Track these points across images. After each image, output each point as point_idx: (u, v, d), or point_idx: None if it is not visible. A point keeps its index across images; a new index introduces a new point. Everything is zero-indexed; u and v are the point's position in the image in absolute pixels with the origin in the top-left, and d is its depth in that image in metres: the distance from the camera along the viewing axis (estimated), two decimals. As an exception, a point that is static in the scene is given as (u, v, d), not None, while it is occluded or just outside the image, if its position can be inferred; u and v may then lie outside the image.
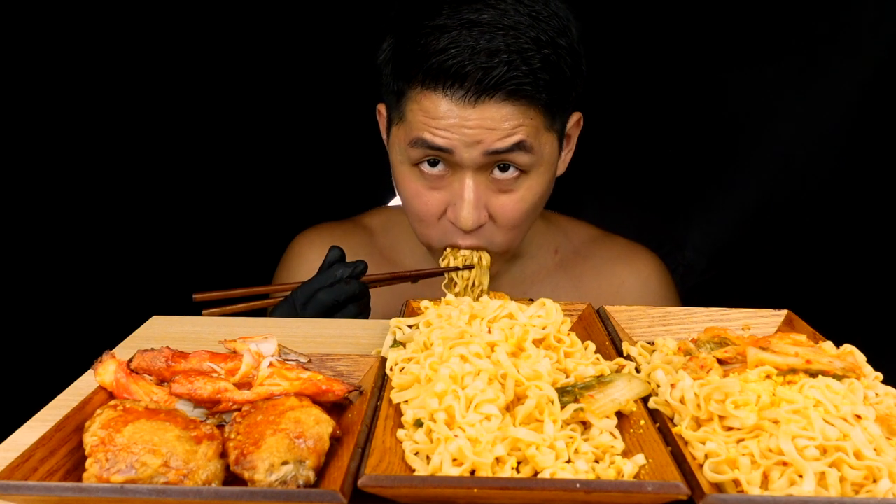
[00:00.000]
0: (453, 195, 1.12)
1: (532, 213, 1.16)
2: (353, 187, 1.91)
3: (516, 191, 1.12)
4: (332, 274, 1.07)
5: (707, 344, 0.80)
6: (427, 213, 1.14)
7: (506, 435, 0.63)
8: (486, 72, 1.00)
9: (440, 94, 1.04)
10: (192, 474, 0.60)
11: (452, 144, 1.06)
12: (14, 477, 0.58)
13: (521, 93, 1.03)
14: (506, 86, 1.02)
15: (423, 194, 1.13)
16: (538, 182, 1.13)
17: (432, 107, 1.05)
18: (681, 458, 0.62)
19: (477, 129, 1.04)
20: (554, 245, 1.40)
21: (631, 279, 1.37)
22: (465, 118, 1.04)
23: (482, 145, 1.05)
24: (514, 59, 1.01)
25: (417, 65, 1.04)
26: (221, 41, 1.77)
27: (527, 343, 0.76)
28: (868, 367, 0.74)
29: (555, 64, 1.05)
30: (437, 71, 1.02)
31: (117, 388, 0.73)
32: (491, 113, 1.04)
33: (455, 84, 1.02)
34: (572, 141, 1.23)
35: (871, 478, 0.59)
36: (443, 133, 1.05)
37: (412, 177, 1.13)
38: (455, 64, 1.01)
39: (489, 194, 1.11)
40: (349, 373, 0.80)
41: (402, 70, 1.08)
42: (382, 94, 1.18)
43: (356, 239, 1.41)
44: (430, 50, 1.02)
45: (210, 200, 1.88)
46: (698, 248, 1.96)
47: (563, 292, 1.36)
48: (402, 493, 0.59)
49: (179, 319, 1.00)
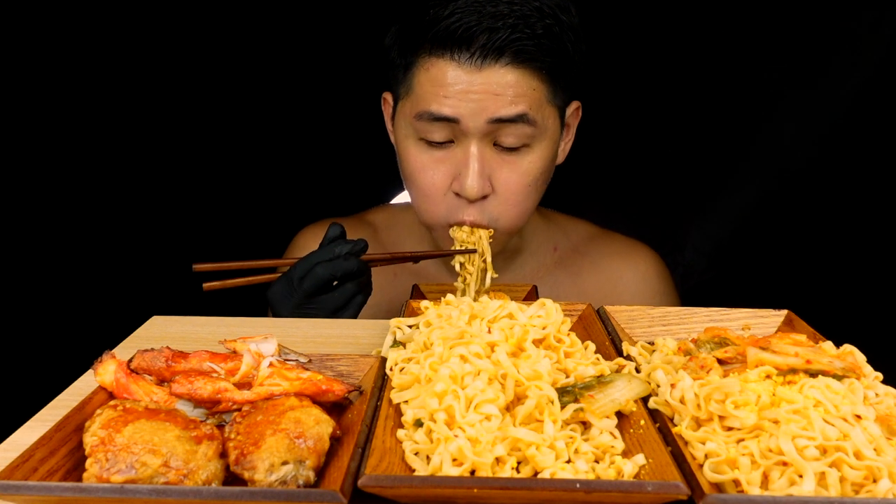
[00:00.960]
0: (458, 165, 1.14)
1: (533, 191, 1.17)
2: (356, 186, 1.91)
3: (519, 163, 1.14)
4: (331, 249, 1.08)
5: (707, 344, 0.80)
6: (432, 187, 1.16)
7: (506, 435, 0.63)
8: (492, 34, 1.04)
9: (447, 59, 1.07)
10: (192, 474, 0.60)
11: (458, 113, 1.09)
12: (14, 477, 0.58)
13: (525, 55, 1.07)
14: (510, 47, 1.05)
15: (429, 168, 1.15)
16: (540, 156, 1.15)
17: (440, 74, 1.08)
18: (681, 458, 0.62)
19: (482, 94, 1.07)
20: (553, 242, 1.41)
21: (629, 274, 1.39)
22: (471, 83, 1.07)
23: (487, 112, 1.08)
24: (518, 24, 1.05)
25: (425, 32, 1.08)
26: (225, 38, 1.78)
27: (527, 343, 0.76)
28: (868, 367, 0.74)
29: (557, 34, 1.09)
30: (444, 35, 1.06)
31: (117, 388, 0.73)
32: (496, 78, 1.07)
33: (462, 46, 1.06)
34: (571, 130, 1.25)
35: (871, 478, 0.59)
36: (449, 102, 1.08)
37: (417, 151, 1.16)
38: (461, 26, 1.05)
39: (493, 166, 1.14)
40: (349, 373, 0.80)
41: (410, 42, 1.11)
42: (388, 78, 1.20)
43: (360, 234, 1.41)
44: (437, 17, 1.07)
45: (211, 200, 1.88)
46: (698, 248, 1.96)
47: (563, 289, 1.37)
48: (402, 493, 0.59)
49: (179, 319, 1.00)
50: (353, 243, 1.09)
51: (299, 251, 1.42)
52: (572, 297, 1.35)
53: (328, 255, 1.07)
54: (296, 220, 1.51)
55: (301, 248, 1.43)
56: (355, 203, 1.55)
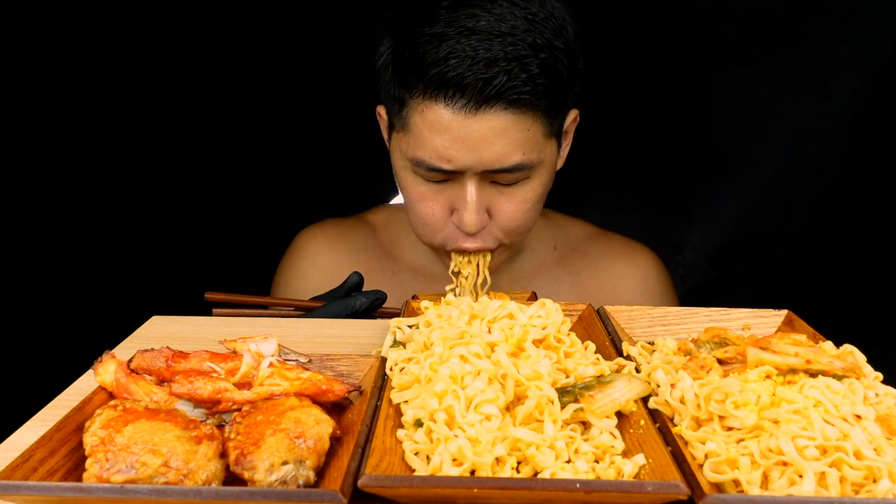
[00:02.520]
0: (456, 199, 1.13)
1: (533, 212, 1.17)
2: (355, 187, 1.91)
3: (518, 194, 1.13)
4: (349, 304, 1.07)
5: (707, 344, 0.80)
6: (432, 217, 1.15)
7: (506, 435, 0.63)
8: (486, 82, 1.01)
9: (441, 104, 1.05)
10: (192, 474, 0.60)
11: (454, 165, 1.07)
12: (14, 477, 0.58)
13: (521, 101, 1.04)
14: (506, 95, 1.03)
15: (428, 199, 1.14)
16: (539, 183, 1.14)
17: (435, 119, 1.06)
18: (681, 458, 0.62)
19: (477, 141, 1.05)
20: (553, 241, 1.42)
21: (629, 273, 1.39)
22: (466, 129, 1.04)
23: (482, 163, 1.07)
24: (513, 68, 1.02)
25: (417, 75, 1.05)
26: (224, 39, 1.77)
27: (527, 343, 0.76)
28: (868, 367, 0.74)
29: (552, 67, 1.06)
30: (438, 82, 1.03)
31: (117, 388, 0.73)
32: (492, 123, 1.04)
33: (455, 94, 1.03)
34: (569, 136, 1.25)
35: (871, 478, 0.59)
36: (444, 153, 1.06)
37: (416, 182, 1.15)
38: (455, 76, 1.02)
39: (491, 197, 1.13)
40: (349, 373, 0.80)
41: (402, 78, 1.08)
42: (382, 97, 1.18)
43: (359, 234, 1.43)
44: (430, 60, 1.03)
45: (212, 200, 1.87)
46: (698, 248, 1.96)
47: (563, 287, 1.37)
48: (402, 493, 0.59)
49: (179, 319, 1.00)
50: (373, 298, 1.08)
51: (298, 252, 1.42)
52: (571, 295, 1.36)
53: (346, 309, 1.07)
54: (296, 221, 1.51)
55: (300, 250, 1.43)
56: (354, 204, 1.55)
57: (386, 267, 1.38)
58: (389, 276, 1.37)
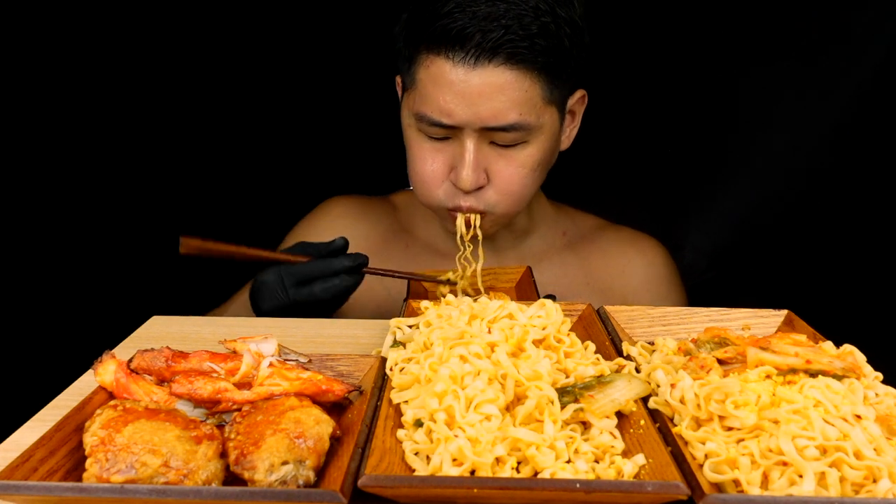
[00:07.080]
0: (455, 157, 1.16)
1: (530, 181, 1.19)
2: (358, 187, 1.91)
3: (516, 157, 1.16)
4: (331, 265, 1.09)
5: (707, 344, 0.80)
6: (431, 175, 1.19)
7: (506, 435, 0.63)
8: (485, 34, 1.06)
9: (443, 57, 1.09)
10: (192, 474, 0.60)
11: (453, 119, 1.11)
12: (14, 477, 0.58)
13: (519, 56, 1.08)
14: (503, 48, 1.07)
15: (428, 157, 1.18)
16: (538, 149, 1.16)
17: (438, 73, 1.10)
18: (681, 458, 0.62)
19: (476, 95, 1.09)
20: (562, 228, 1.45)
21: (637, 260, 1.41)
22: (466, 83, 1.09)
23: (479, 119, 1.10)
24: (512, 24, 1.07)
25: (423, 29, 1.11)
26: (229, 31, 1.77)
27: (527, 343, 0.76)
28: (868, 367, 0.74)
29: (553, 32, 1.09)
30: (441, 34, 1.08)
31: (117, 388, 0.73)
32: (490, 78, 1.08)
33: (456, 46, 1.08)
34: (577, 117, 1.27)
35: (871, 478, 0.59)
36: (445, 107, 1.10)
37: (419, 140, 1.19)
38: (457, 27, 1.07)
39: (489, 158, 1.16)
40: (349, 373, 0.80)
41: (412, 36, 1.14)
42: (398, 65, 1.22)
43: (380, 210, 1.48)
44: (436, 14, 1.09)
45: (212, 200, 1.87)
46: (698, 248, 1.96)
47: (571, 270, 1.40)
48: (402, 493, 0.59)
49: (179, 319, 1.00)
50: (354, 258, 1.10)
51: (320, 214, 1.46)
52: (579, 280, 1.38)
53: (328, 270, 1.09)
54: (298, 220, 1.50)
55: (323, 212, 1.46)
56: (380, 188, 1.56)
57: (400, 240, 1.42)
58: (403, 248, 1.41)
